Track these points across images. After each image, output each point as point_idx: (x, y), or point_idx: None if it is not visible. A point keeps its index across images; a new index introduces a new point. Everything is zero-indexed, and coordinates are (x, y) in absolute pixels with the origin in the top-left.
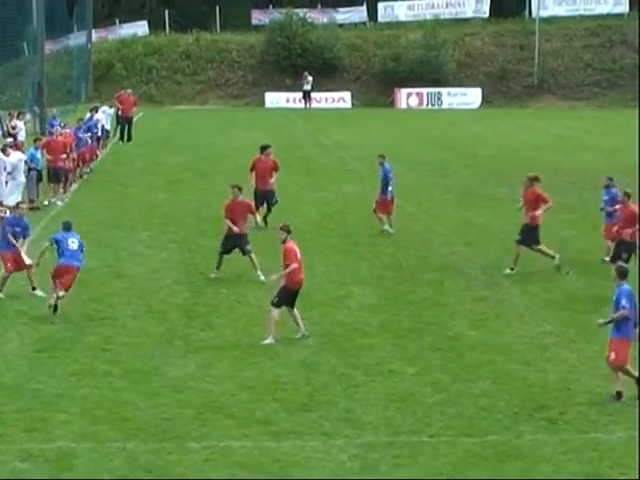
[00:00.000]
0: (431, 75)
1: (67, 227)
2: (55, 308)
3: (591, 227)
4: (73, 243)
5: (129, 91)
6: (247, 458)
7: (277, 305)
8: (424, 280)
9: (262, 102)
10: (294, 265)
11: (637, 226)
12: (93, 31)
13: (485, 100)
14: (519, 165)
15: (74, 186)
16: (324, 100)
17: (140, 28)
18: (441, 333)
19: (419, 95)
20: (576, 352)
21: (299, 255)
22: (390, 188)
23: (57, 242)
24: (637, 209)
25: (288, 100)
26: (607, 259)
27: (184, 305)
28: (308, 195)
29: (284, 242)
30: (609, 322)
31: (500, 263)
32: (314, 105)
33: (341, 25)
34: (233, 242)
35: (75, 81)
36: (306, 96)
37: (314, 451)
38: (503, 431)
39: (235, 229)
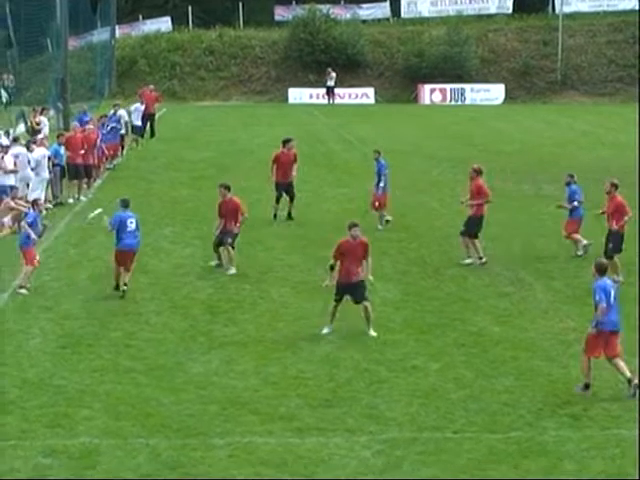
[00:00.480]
0: (454, 71)
1: (125, 205)
2: (123, 292)
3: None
4: (132, 224)
5: (151, 87)
6: (271, 455)
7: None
8: (447, 276)
9: (285, 98)
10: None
11: (626, 218)
12: (116, 27)
13: (508, 96)
14: (542, 161)
15: (98, 182)
16: (347, 96)
17: (163, 24)
18: (464, 329)
19: (442, 91)
20: None
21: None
22: (382, 184)
23: (120, 223)
24: (623, 200)
25: (311, 96)
26: (580, 253)
27: (207, 301)
28: (330, 191)
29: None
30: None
31: (524, 259)
32: (337, 101)
33: (364, 21)
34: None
35: (98, 77)
36: (329, 92)
37: (337, 448)
38: (526, 427)
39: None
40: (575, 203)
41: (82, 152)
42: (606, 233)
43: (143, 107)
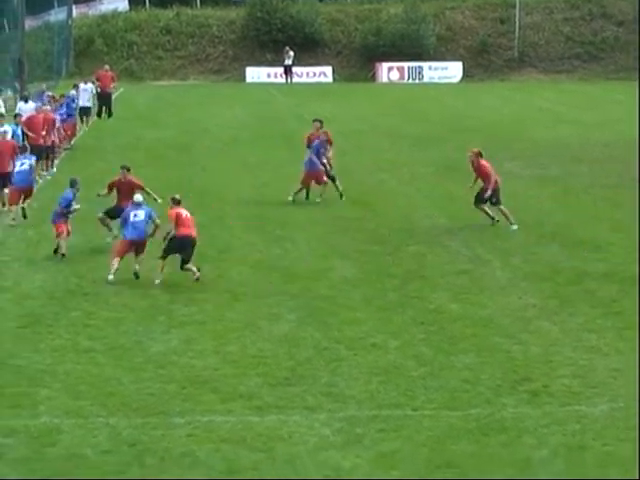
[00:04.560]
0: (412, 49)
1: (72, 184)
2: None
3: (574, 200)
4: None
5: (106, 67)
6: (230, 433)
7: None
8: (407, 253)
9: (243, 77)
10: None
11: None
12: (74, 7)
13: (466, 74)
14: (501, 138)
15: (56, 162)
16: (305, 75)
17: (120, 3)
18: (424, 306)
19: (400, 69)
20: (558, 324)
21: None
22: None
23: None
24: (487, 163)
25: (269, 75)
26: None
27: (167, 280)
28: (290, 169)
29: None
30: None
31: (482, 236)
32: (295, 80)
33: (321, 0)
34: (118, 213)
35: (56, 57)
36: (287, 71)
37: (297, 425)
38: (486, 404)
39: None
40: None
41: (43, 133)
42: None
43: (89, 86)
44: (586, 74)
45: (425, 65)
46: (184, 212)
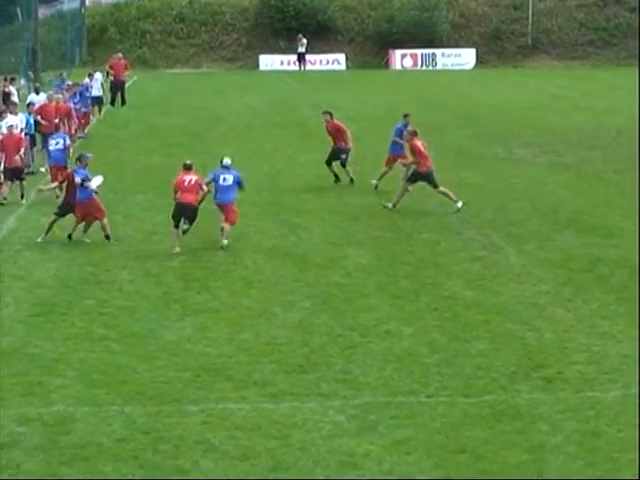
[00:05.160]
0: (425, 36)
1: (79, 160)
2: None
3: (587, 186)
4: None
5: (119, 55)
6: (245, 420)
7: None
8: (420, 241)
9: (256, 65)
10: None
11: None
12: None
13: (479, 61)
14: (514, 125)
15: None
16: (319, 62)
17: None
18: (438, 293)
19: (413, 56)
20: (572, 311)
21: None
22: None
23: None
24: (422, 144)
25: (282, 63)
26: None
27: (181, 268)
28: (303, 157)
29: None
30: None
31: (496, 223)
32: (308, 67)
33: None
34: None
35: (69, 46)
36: (300, 58)
37: (312, 412)
38: (500, 390)
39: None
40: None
41: (56, 121)
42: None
43: (100, 76)
44: (599, 60)
45: (438, 52)
46: (188, 177)
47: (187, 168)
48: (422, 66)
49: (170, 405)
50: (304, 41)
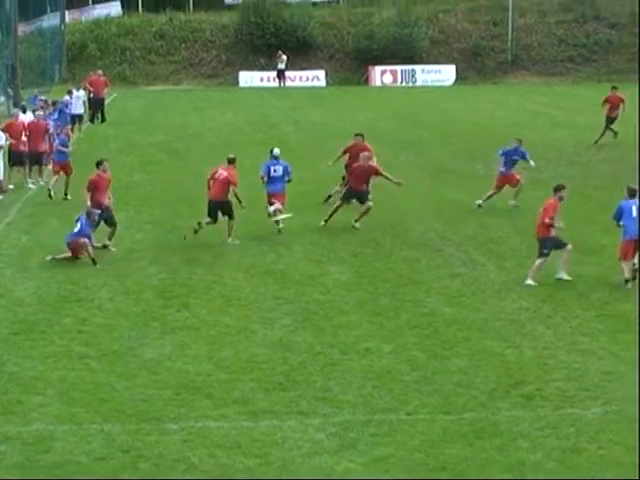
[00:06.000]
0: (405, 52)
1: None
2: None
3: (567, 203)
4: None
5: (99, 72)
6: (225, 438)
7: None
8: (400, 257)
9: (236, 82)
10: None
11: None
12: (66, 12)
13: (459, 77)
14: (494, 142)
15: (49, 168)
16: (298, 79)
17: (113, 9)
18: (417, 310)
19: (393, 73)
20: (552, 328)
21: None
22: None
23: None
24: None
25: (262, 79)
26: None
27: (160, 286)
28: None
29: None
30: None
31: (476, 240)
32: (288, 84)
33: (314, 3)
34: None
35: (49, 63)
36: (280, 75)
37: (292, 430)
38: (480, 408)
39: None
40: None
41: (24, 139)
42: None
43: (81, 93)
44: (579, 77)
45: (418, 68)
46: (219, 171)
47: (229, 161)
48: (402, 82)
49: (150, 423)
50: (284, 57)
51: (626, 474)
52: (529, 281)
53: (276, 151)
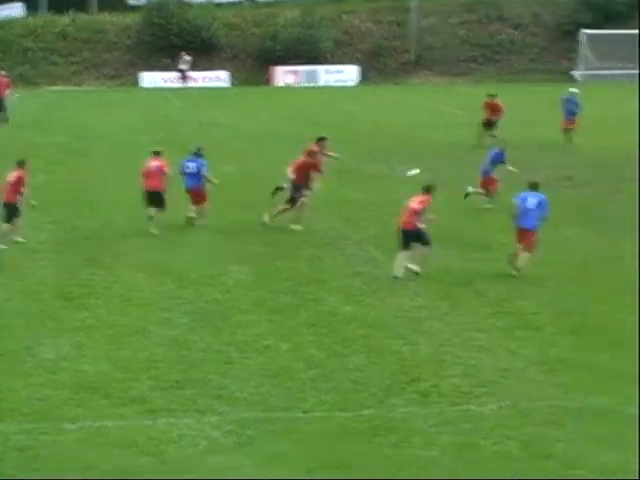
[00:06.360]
0: (309, 53)
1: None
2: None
3: (464, 202)
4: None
5: (2, 73)
6: (122, 437)
7: None
8: (302, 257)
9: (139, 82)
10: None
11: None
12: None
13: (362, 77)
14: (396, 142)
15: None
16: (202, 79)
17: (16, 10)
18: (317, 309)
19: (296, 73)
20: (449, 325)
21: None
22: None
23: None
24: None
25: (165, 80)
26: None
27: (60, 287)
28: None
29: None
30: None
31: (378, 239)
32: (192, 84)
33: (219, 4)
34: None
35: None
36: (184, 75)
37: (188, 428)
38: (377, 405)
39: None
40: None
41: None
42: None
43: None
44: (482, 77)
45: (321, 69)
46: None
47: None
48: (304, 83)
49: (46, 422)
50: (187, 58)
51: (520, 469)
52: (414, 267)
53: (194, 148)
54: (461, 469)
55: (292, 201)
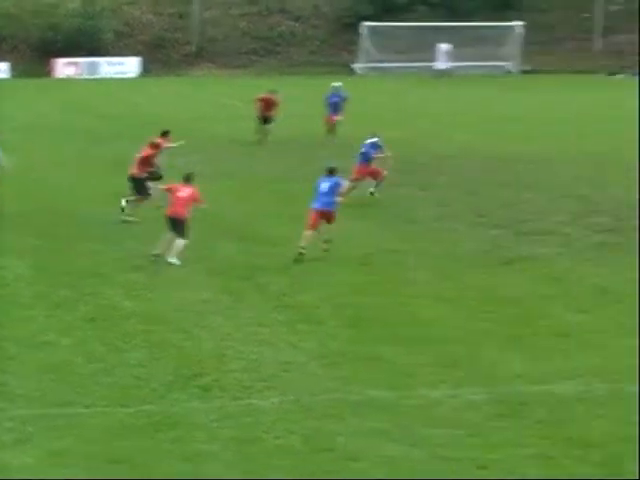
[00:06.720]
0: (90, 44)
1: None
2: None
3: (250, 195)
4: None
5: None
6: None
7: None
8: (82, 250)
9: None
10: None
11: None
12: None
13: (144, 69)
14: (178, 134)
15: None
16: None
17: None
18: (97, 303)
19: (77, 65)
20: (231, 319)
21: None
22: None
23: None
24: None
25: None
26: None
27: None
28: None
29: None
30: None
31: (159, 233)
32: None
33: None
34: None
35: None
36: None
37: None
38: (158, 400)
39: None
40: None
41: None
42: None
43: None
44: (263, 69)
45: (102, 60)
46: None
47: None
48: (85, 75)
49: None
50: None
51: (302, 463)
52: (173, 259)
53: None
54: (243, 463)
55: (141, 192)
